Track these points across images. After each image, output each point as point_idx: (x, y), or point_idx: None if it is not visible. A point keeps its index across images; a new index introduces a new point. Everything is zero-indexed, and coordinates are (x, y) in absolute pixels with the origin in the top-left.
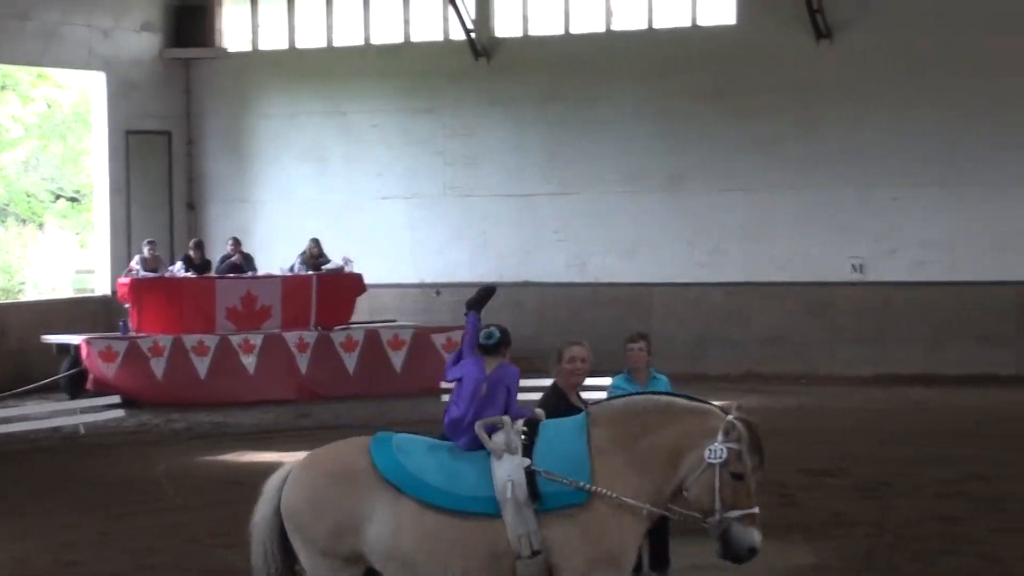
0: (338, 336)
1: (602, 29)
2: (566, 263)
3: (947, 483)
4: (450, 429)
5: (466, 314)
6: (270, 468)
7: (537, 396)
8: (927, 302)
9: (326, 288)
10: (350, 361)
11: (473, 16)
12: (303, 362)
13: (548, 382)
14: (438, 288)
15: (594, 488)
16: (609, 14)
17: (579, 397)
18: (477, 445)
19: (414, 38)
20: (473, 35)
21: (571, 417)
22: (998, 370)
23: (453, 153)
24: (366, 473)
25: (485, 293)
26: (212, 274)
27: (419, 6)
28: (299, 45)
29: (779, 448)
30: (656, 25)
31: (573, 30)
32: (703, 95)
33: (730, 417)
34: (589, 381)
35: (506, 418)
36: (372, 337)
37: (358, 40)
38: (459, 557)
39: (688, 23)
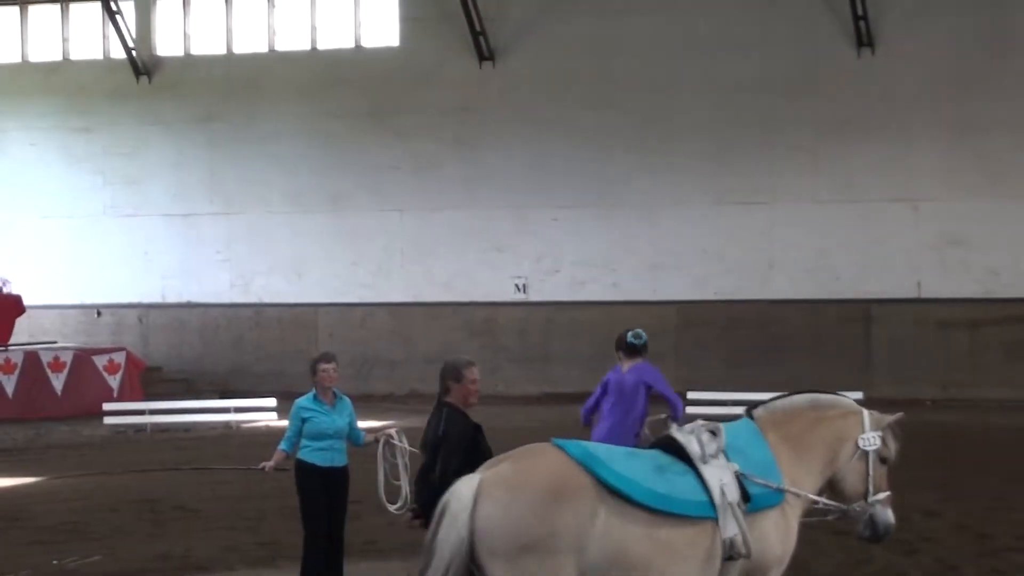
0: None
1: (265, 49)
2: (230, 283)
3: None
4: (611, 436)
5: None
6: None
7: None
8: (588, 321)
9: None
10: (9, 383)
11: (134, 34)
12: None
13: (269, 401)
14: (99, 309)
15: (789, 488)
16: (272, 34)
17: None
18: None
19: (73, 56)
20: (134, 53)
21: (737, 422)
22: None
23: (114, 172)
24: (589, 486)
25: None
26: None
27: (78, 23)
28: None
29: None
30: (319, 46)
31: (236, 50)
32: (366, 116)
33: (865, 410)
34: (267, 402)
35: (720, 424)
36: (31, 359)
37: (15, 57)
38: (687, 562)
39: (351, 44)
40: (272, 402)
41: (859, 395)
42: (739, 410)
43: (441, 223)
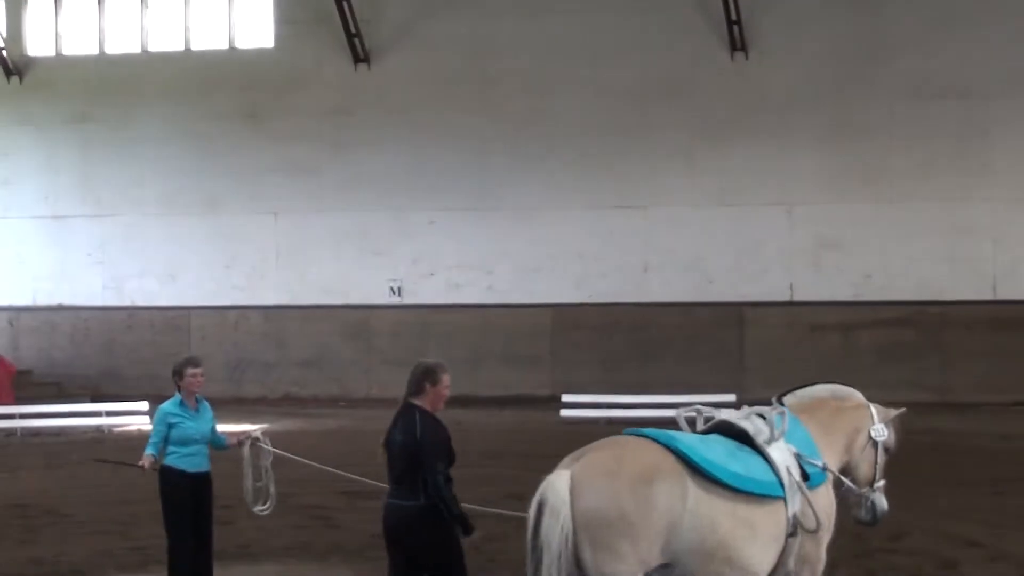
0: None
1: (138, 50)
2: (102, 286)
3: (485, 502)
4: None
5: None
6: None
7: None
8: (464, 324)
9: None
10: None
11: (4, 34)
12: None
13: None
14: None
15: (830, 468)
16: (145, 35)
17: None
18: None
19: None
20: (4, 53)
21: (772, 407)
22: (533, 390)
23: None
24: (678, 467)
25: None
26: None
27: None
28: None
29: (318, 472)
30: (193, 47)
31: (108, 50)
32: (240, 118)
33: (871, 403)
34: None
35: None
36: None
37: None
38: (764, 539)
39: (225, 46)
40: (144, 405)
41: (732, 397)
42: (614, 413)
43: (317, 226)
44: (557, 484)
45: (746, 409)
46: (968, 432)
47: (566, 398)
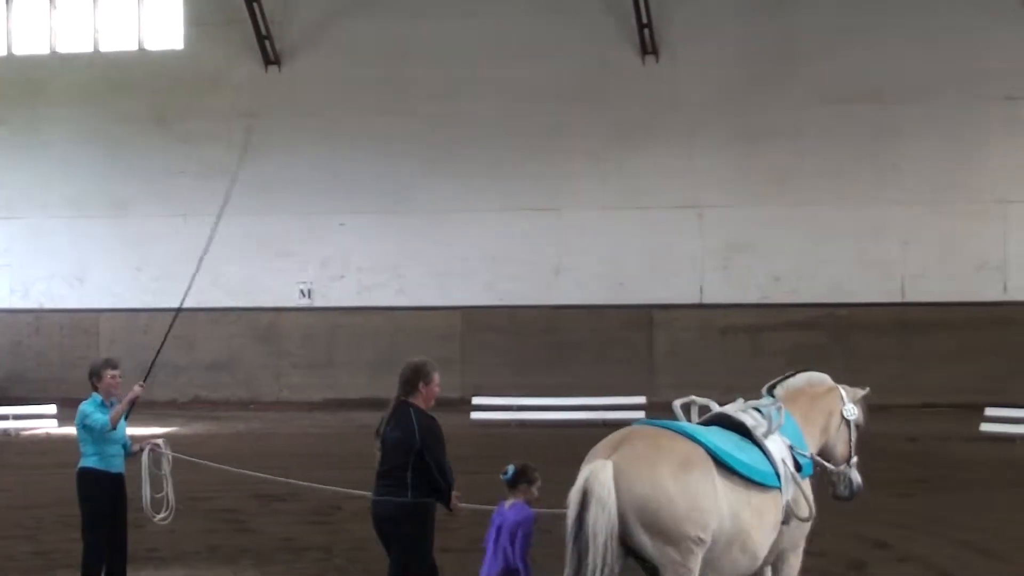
0: None
1: (46, 51)
2: (9, 289)
3: None
4: None
5: None
6: None
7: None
8: (374, 327)
9: None
10: None
11: None
12: None
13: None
14: None
15: (816, 458)
16: (53, 36)
17: None
18: None
19: None
20: None
21: (766, 400)
22: (444, 393)
23: None
24: (707, 461)
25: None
26: None
27: None
28: None
29: (229, 475)
30: (102, 48)
31: (16, 51)
32: (149, 120)
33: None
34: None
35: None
36: None
37: None
38: (768, 527)
39: (135, 47)
40: (52, 409)
41: (642, 399)
42: (525, 415)
43: (226, 228)
44: (602, 475)
45: (741, 402)
46: (876, 434)
47: (476, 400)
